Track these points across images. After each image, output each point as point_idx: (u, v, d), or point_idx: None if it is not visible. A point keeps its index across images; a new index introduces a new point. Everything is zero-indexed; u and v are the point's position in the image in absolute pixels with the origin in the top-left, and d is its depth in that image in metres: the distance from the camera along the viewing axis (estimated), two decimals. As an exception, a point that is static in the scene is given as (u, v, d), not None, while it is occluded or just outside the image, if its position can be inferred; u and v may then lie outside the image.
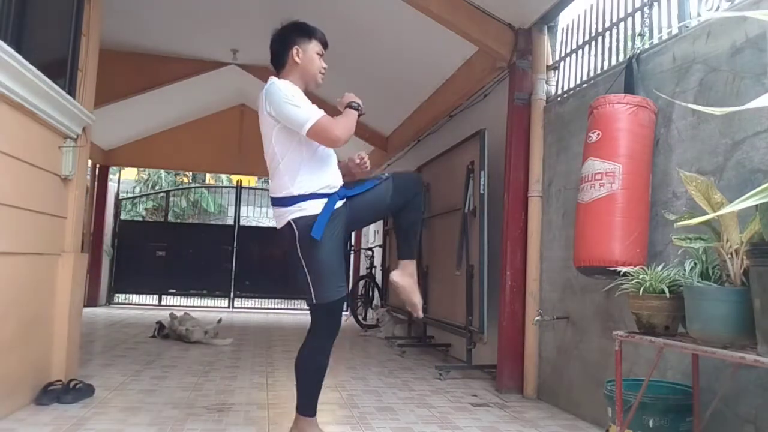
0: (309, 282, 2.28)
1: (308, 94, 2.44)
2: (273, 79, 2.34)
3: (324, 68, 2.46)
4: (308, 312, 2.42)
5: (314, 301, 2.30)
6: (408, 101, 6.15)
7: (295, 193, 2.28)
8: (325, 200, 2.29)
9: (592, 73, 3.39)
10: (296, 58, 2.38)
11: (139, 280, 9.43)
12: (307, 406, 2.35)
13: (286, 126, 2.26)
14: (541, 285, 3.66)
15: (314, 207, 2.28)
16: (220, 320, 6.26)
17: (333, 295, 2.29)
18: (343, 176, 2.44)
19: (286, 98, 2.24)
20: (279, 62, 2.44)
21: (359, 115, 2.40)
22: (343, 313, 2.50)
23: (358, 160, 2.47)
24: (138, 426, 2.67)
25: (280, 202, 2.33)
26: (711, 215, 1.64)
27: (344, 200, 2.37)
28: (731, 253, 1.74)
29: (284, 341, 5.83)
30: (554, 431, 2.92)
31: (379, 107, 6.84)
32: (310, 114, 2.22)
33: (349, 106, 2.39)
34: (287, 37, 2.42)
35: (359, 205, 2.42)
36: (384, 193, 2.43)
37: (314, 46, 2.42)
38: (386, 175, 2.46)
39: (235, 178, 13.29)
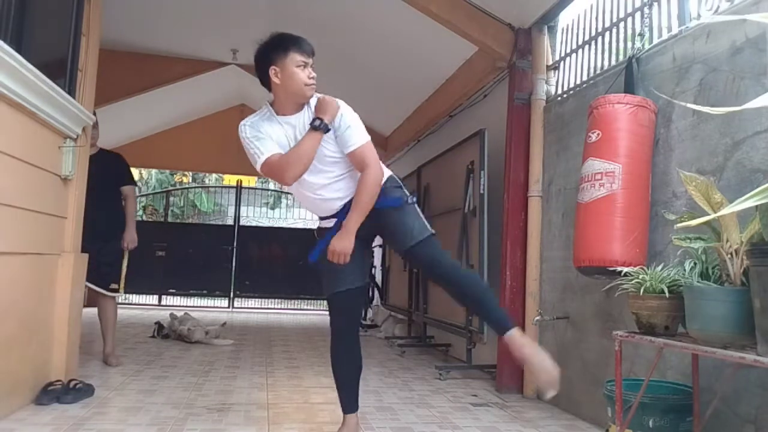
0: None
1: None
2: (239, 127, 2.35)
3: (311, 78, 2.26)
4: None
5: (324, 294, 2.51)
6: (408, 101, 6.15)
7: (316, 216, 2.52)
8: (334, 219, 2.40)
9: (592, 73, 3.39)
10: (275, 79, 2.24)
11: (139, 280, 9.36)
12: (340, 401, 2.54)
13: None
14: (541, 285, 3.66)
15: (327, 222, 2.44)
16: (224, 324, 6.25)
17: (327, 290, 2.45)
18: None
19: (247, 144, 2.30)
20: (265, 85, 2.35)
21: (325, 131, 2.23)
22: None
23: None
24: (138, 426, 2.67)
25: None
26: (711, 216, 1.64)
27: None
28: (731, 253, 1.74)
29: (284, 341, 5.83)
30: (554, 431, 2.92)
31: (378, 107, 6.85)
32: (260, 155, 2.26)
33: (312, 125, 2.22)
34: (263, 58, 2.28)
35: (383, 219, 2.36)
36: (409, 231, 2.31)
37: (292, 59, 2.22)
38: (411, 198, 2.36)
39: (229, 178, 13.27)
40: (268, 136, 2.28)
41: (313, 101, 2.34)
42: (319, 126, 2.22)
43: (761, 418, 2.00)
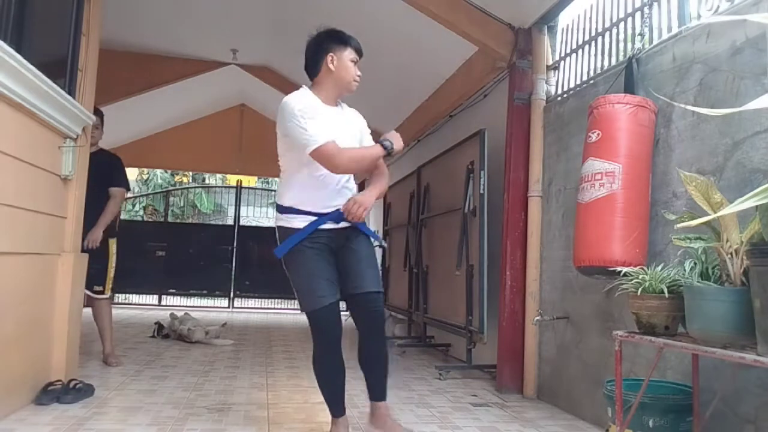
0: (294, 290, 2.39)
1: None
2: (285, 99, 2.35)
3: (359, 75, 2.45)
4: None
5: (301, 308, 2.40)
6: (408, 101, 6.15)
7: (286, 204, 2.39)
8: (311, 218, 2.34)
9: (592, 73, 3.39)
10: (330, 66, 2.38)
11: (139, 280, 9.41)
12: (328, 405, 2.50)
13: (292, 144, 2.32)
14: (541, 285, 3.66)
15: (298, 221, 2.35)
16: (224, 324, 6.25)
17: (312, 305, 2.34)
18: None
19: (294, 118, 2.26)
20: (313, 69, 2.42)
21: (387, 155, 2.41)
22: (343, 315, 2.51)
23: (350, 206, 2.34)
24: (138, 426, 2.67)
25: (276, 207, 2.47)
26: (711, 216, 1.64)
27: (343, 227, 2.37)
28: (731, 253, 1.73)
29: (284, 341, 5.84)
30: (554, 431, 2.92)
31: (379, 107, 6.84)
32: (317, 138, 2.23)
33: (380, 142, 2.40)
34: (322, 45, 2.40)
35: (354, 243, 2.40)
36: (376, 275, 2.46)
37: (348, 54, 2.41)
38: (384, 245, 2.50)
39: (229, 178, 13.25)
40: (319, 117, 2.31)
41: (346, 106, 2.52)
42: (387, 147, 2.39)
43: (761, 418, 2.00)
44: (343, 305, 2.44)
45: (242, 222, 10.20)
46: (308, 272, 2.34)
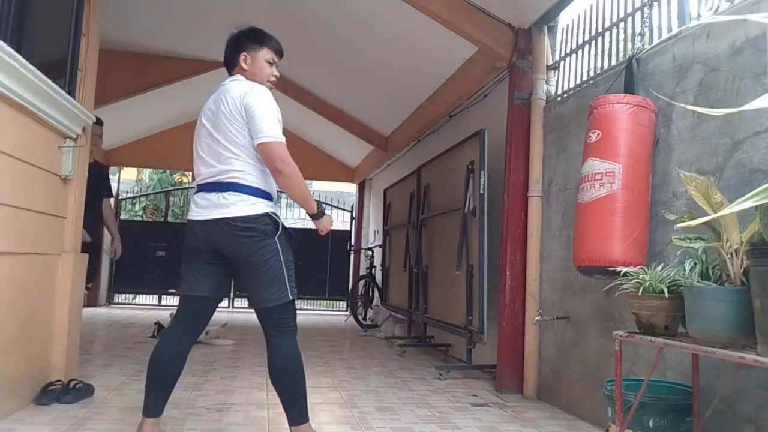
0: (286, 277, 2.27)
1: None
2: (258, 85, 2.32)
3: (275, 76, 2.45)
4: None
5: (291, 297, 2.29)
6: (408, 101, 6.15)
7: (265, 189, 2.30)
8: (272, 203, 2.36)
9: (592, 73, 3.39)
10: (243, 65, 2.39)
11: (139, 280, 9.40)
12: (306, 410, 2.41)
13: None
14: (541, 285, 3.67)
15: (274, 208, 2.34)
16: (224, 324, 6.25)
17: (294, 294, 2.33)
18: None
19: (275, 108, 2.26)
20: (229, 65, 2.44)
21: (312, 214, 2.37)
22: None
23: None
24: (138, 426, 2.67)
25: (247, 190, 2.25)
26: (711, 216, 1.64)
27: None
28: (731, 253, 1.74)
29: (284, 341, 5.82)
30: (554, 431, 2.92)
31: (379, 107, 6.85)
32: (281, 135, 2.24)
33: (319, 207, 2.37)
34: (237, 43, 2.42)
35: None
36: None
37: (264, 54, 2.40)
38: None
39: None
40: None
41: None
42: (320, 208, 2.38)
43: (761, 418, 2.00)
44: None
45: (242, 222, 10.17)
46: (290, 261, 2.31)
